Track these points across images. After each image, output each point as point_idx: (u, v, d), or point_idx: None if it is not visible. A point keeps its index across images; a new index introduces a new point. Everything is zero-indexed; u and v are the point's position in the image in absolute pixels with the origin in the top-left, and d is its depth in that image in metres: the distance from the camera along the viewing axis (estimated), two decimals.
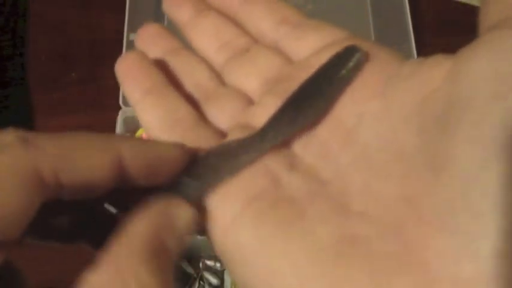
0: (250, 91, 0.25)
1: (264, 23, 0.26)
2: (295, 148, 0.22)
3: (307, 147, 0.22)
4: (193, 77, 0.25)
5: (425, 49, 0.62)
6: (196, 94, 0.25)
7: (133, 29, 0.59)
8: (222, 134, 0.23)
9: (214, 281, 0.53)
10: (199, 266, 0.54)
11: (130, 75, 0.25)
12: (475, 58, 0.18)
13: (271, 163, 0.21)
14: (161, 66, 0.25)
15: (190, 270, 0.54)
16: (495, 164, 0.16)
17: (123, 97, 0.56)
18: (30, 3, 0.67)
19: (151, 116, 0.24)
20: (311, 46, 0.24)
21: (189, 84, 0.25)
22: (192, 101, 0.25)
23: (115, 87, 0.57)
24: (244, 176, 0.21)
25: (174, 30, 0.28)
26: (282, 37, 0.25)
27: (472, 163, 0.16)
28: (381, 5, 0.62)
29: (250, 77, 0.25)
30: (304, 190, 0.20)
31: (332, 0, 0.62)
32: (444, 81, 0.18)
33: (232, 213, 0.20)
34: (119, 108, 0.56)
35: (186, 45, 0.27)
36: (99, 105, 0.62)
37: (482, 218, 0.16)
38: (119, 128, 0.55)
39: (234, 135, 0.22)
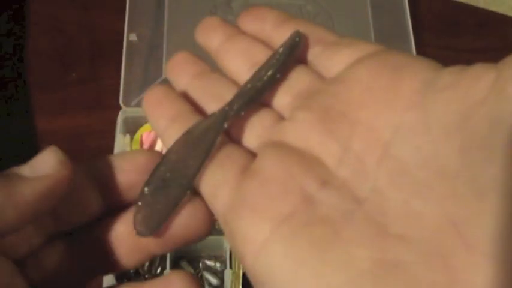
0: (281, 107, 0.24)
1: None
2: (327, 161, 0.21)
3: (341, 161, 0.20)
4: (219, 97, 0.25)
5: (425, 49, 0.62)
6: None
7: (133, 29, 0.59)
8: (252, 154, 0.23)
9: (214, 281, 0.53)
10: (199, 266, 0.54)
11: (158, 106, 0.25)
12: None
13: (302, 178, 0.20)
14: (190, 90, 0.25)
15: (190, 270, 0.54)
16: None
17: (123, 97, 0.56)
18: (30, 3, 0.67)
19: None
20: (344, 61, 0.23)
21: (214, 105, 0.24)
22: None
23: (115, 87, 0.57)
24: (274, 193, 0.20)
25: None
26: (316, 56, 0.25)
27: None
28: (381, 5, 0.62)
29: (281, 93, 0.24)
30: (339, 209, 0.19)
31: (332, 0, 0.62)
32: (488, 97, 0.17)
33: (262, 235, 0.19)
34: (119, 108, 0.56)
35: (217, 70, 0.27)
36: (99, 105, 0.62)
37: None
38: (119, 128, 0.55)
39: (267, 154, 0.22)
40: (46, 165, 0.20)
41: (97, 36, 0.65)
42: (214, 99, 0.24)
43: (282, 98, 0.24)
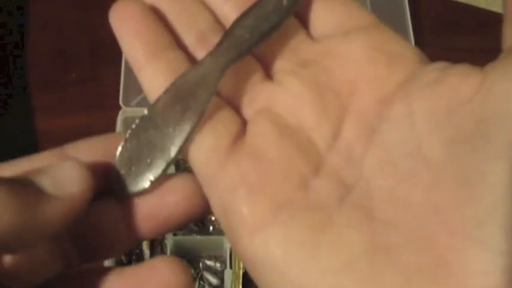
0: (270, 64, 0.23)
1: None
2: (319, 145, 0.21)
3: (332, 147, 0.21)
4: (195, 28, 0.23)
5: (425, 49, 0.62)
6: (199, 51, 0.23)
7: None
8: (242, 118, 0.22)
9: (214, 281, 0.53)
10: (199, 266, 0.54)
11: (131, 30, 0.22)
12: (507, 78, 0.18)
13: (299, 164, 0.21)
14: (161, 10, 0.23)
15: (190, 270, 0.54)
16: None
17: (123, 97, 0.56)
18: (30, 3, 0.67)
19: (160, 82, 0.22)
20: (336, 23, 0.23)
21: (192, 37, 0.23)
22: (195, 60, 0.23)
23: (115, 87, 0.57)
24: (274, 177, 0.20)
25: None
26: (306, 4, 0.24)
27: (502, 181, 0.17)
28: (381, 5, 0.62)
29: (271, 49, 0.23)
30: (332, 195, 0.20)
31: None
32: (475, 96, 0.18)
33: (262, 217, 0.19)
34: (119, 108, 0.56)
35: None
36: (99, 105, 0.62)
37: (510, 234, 0.16)
38: (119, 128, 0.55)
39: (261, 128, 0.21)
40: (70, 181, 0.19)
41: (97, 36, 0.65)
42: (191, 29, 0.23)
43: (272, 55, 0.23)
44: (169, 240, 0.53)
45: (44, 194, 0.18)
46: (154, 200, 0.21)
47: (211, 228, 0.55)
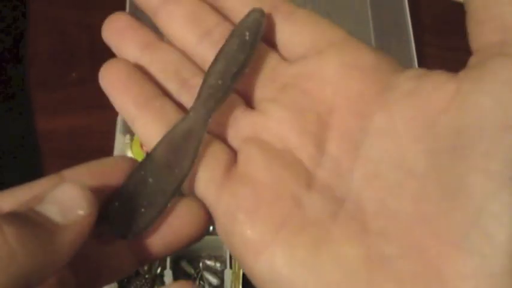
0: (249, 95, 0.24)
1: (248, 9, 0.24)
2: (307, 163, 0.22)
3: (319, 164, 0.22)
4: (178, 76, 0.24)
5: (425, 49, 0.62)
6: (184, 96, 0.24)
7: None
8: (231, 148, 0.23)
9: (214, 281, 0.53)
10: (199, 266, 0.54)
11: (120, 87, 0.24)
12: (480, 90, 0.18)
13: (291, 183, 0.21)
14: (145, 66, 0.24)
15: (190, 270, 0.54)
16: (504, 195, 0.17)
17: None
18: (30, 3, 0.67)
19: (154, 130, 0.23)
20: (307, 44, 0.23)
21: (175, 84, 0.24)
22: (182, 106, 0.24)
23: None
24: (269, 199, 0.21)
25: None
26: (273, 27, 0.24)
27: (482, 193, 0.18)
28: (381, 5, 0.62)
29: (248, 80, 0.24)
30: (325, 211, 0.21)
31: (332, 0, 0.62)
32: (449, 107, 0.19)
33: (263, 238, 0.20)
34: None
35: (159, 35, 0.25)
36: (99, 105, 0.61)
37: (492, 240, 0.17)
38: (119, 128, 0.55)
39: (250, 155, 0.22)
40: (75, 204, 0.18)
41: (97, 36, 0.65)
42: (174, 77, 0.24)
43: (251, 85, 0.24)
44: None
45: (54, 225, 0.18)
46: (159, 224, 0.22)
47: (211, 228, 0.55)
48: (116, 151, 0.54)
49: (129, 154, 0.55)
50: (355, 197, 0.21)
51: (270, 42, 0.25)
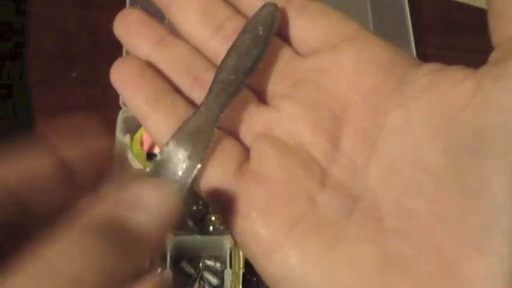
0: (263, 90, 0.24)
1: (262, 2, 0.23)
2: (321, 160, 0.21)
3: (334, 160, 0.21)
4: (190, 72, 0.24)
5: (425, 49, 0.62)
6: (195, 92, 0.24)
7: None
8: (243, 144, 0.23)
9: (214, 281, 0.53)
10: (199, 266, 0.54)
11: (131, 84, 0.24)
12: (502, 88, 0.18)
13: (305, 181, 0.21)
14: (156, 62, 0.24)
15: (190, 270, 0.54)
16: None
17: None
18: (30, 3, 0.67)
19: (166, 128, 0.23)
20: (321, 38, 0.23)
21: (187, 80, 0.24)
22: (194, 102, 0.24)
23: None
24: (283, 198, 0.21)
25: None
26: (287, 21, 0.24)
27: (503, 193, 0.17)
28: (381, 5, 0.62)
29: (262, 75, 0.23)
30: (340, 209, 0.20)
31: (332, 0, 0.62)
32: (469, 105, 0.18)
33: (276, 237, 0.20)
34: (119, 108, 0.55)
35: (172, 29, 0.25)
36: (99, 105, 0.62)
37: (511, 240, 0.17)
38: (119, 128, 0.55)
39: (263, 152, 0.22)
40: (161, 205, 0.17)
41: (97, 36, 0.65)
42: (186, 74, 0.24)
43: (264, 80, 0.24)
44: (169, 240, 0.53)
45: (144, 234, 0.16)
46: None
47: (211, 228, 0.55)
48: (116, 151, 0.54)
49: (129, 154, 0.55)
50: (370, 194, 0.20)
51: (283, 36, 0.24)
